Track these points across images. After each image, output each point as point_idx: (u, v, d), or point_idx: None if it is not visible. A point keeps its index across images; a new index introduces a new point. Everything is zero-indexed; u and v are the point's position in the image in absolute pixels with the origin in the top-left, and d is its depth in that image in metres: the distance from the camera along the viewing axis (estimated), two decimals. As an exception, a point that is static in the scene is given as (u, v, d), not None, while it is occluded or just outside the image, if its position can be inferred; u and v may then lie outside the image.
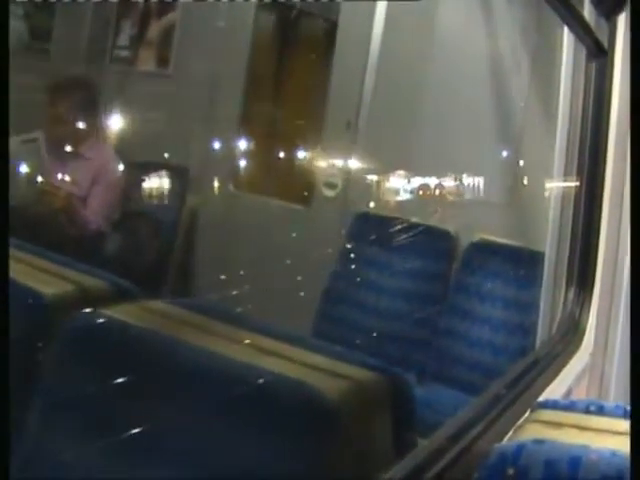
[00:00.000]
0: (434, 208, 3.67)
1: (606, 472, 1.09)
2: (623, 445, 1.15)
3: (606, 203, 2.58)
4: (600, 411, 1.38)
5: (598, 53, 2.43)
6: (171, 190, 4.14)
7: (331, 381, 1.33)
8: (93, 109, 3.81)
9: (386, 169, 3.76)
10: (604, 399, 2.61)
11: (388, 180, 3.74)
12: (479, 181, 3.63)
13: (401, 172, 3.71)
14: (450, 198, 3.66)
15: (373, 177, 3.79)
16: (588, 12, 2.21)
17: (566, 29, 2.38)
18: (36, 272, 1.86)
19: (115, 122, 4.08)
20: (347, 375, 1.37)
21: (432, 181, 3.67)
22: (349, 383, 1.34)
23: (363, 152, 3.86)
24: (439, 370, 3.48)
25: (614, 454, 1.13)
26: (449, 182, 3.67)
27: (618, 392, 2.69)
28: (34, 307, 1.62)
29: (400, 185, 3.72)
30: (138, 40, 4.54)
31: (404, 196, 3.72)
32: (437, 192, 3.67)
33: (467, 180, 3.64)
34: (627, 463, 1.10)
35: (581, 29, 2.26)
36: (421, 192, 3.68)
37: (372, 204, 3.82)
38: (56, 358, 1.52)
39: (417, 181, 3.69)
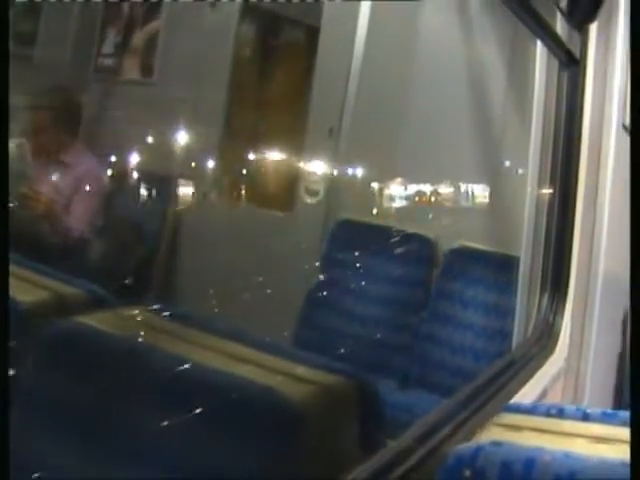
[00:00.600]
0: (414, 215, 3.70)
1: (559, 473, 1.12)
2: (577, 447, 1.19)
3: (579, 208, 2.62)
4: (560, 414, 1.41)
5: (570, 63, 2.47)
6: (153, 198, 4.16)
7: (298, 386, 1.36)
8: (76, 117, 3.84)
9: (368, 176, 3.79)
10: (579, 402, 2.65)
11: (370, 187, 3.77)
12: (460, 187, 3.66)
13: (383, 179, 3.74)
14: (432, 204, 3.69)
15: (355, 184, 3.83)
16: (560, 24, 2.25)
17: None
18: (15, 280, 1.88)
19: (98, 130, 4.11)
20: (315, 380, 1.40)
21: (414, 187, 3.70)
22: (315, 388, 1.37)
23: (345, 159, 3.89)
24: (421, 375, 3.51)
25: (567, 455, 1.16)
26: (431, 188, 3.70)
27: (593, 395, 2.73)
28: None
29: (382, 191, 3.75)
30: (122, 48, 4.56)
31: (386, 202, 3.75)
32: (418, 199, 3.70)
33: (449, 186, 3.68)
34: (579, 464, 1.13)
35: (553, 41, 2.30)
36: (404, 199, 3.71)
37: (354, 211, 3.85)
38: (32, 365, 1.55)
39: (399, 187, 3.72)
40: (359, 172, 3.81)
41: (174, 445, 1.39)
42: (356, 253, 3.77)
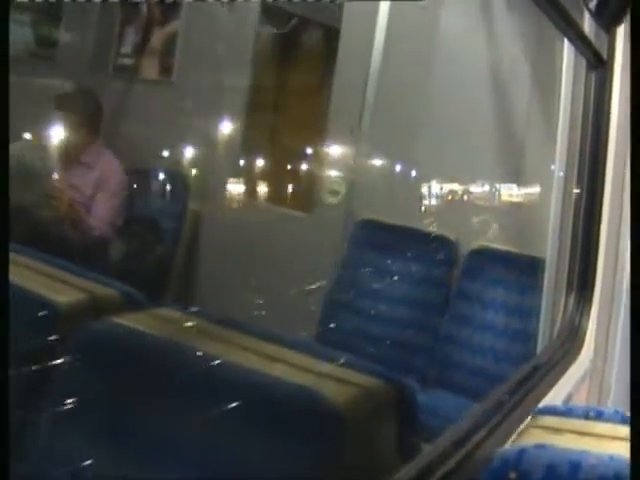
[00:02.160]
0: (435, 215, 3.69)
1: (604, 475, 1.12)
2: (621, 450, 1.19)
3: (606, 210, 2.61)
4: (599, 417, 1.41)
5: (597, 64, 2.46)
6: (174, 197, 4.18)
7: (339, 388, 1.36)
8: (97, 118, 3.86)
9: (389, 176, 3.79)
10: (603, 405, 2.64)
11: (391, 187, 3.77)
12: (483, 187, 3.66)
13: (404, 179, 3.75)
14: (453, 205, 3.69)
15: (376, 184, 3.83)
16: (588, 24, 2.24)
17: (566, 41, 2.41)
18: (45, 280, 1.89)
19: (119, 130, 4.12)
20: (354, 382, 1.40)
21: (435, 188, 3.70)
22: (356, 390, 1.37)
23: (366, 159, 3.89)
24: (442, 376, 3.50)
25: (612, 458, 1.16)
26: (451, 188, 3.70)
27: (617, 398, 2.72)
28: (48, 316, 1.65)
29: (403, 192, 3.76)
30: (141, 48, 4.57)
31: (407, 203, 3.75)
32: (440, 200, 3.69)
33: (470, 186, 3.68)
34: (624, 466, 1.13)
35: (581, 41, 2.29)
36: (424, 199, 3.70)
37: (375, 211, 3.85)
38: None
39: (420, 187, 3.72)
40: (380, 172, 3.81)
41: (212, 446, 1.40)
42: (377, 253, 3.77)
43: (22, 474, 1.50)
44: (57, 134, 3.69)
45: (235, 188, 4.19)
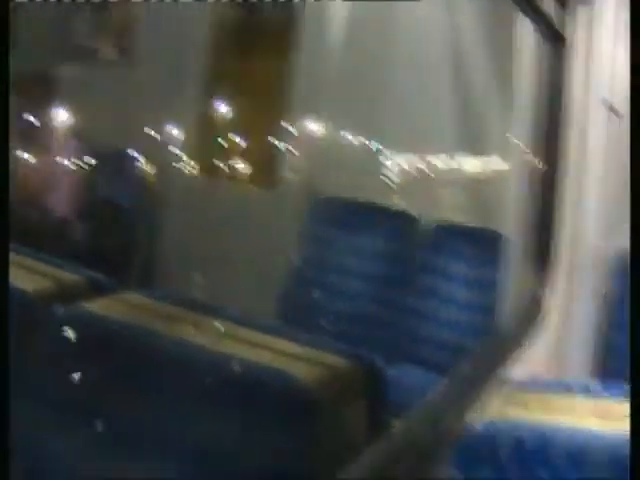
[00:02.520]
0: (397, 190, 3.71)
1: (570, 447, 1.14)
2: (588, 422, 1.21)
3: (567, 182, 2.64)
4: (565, 389, 1.44)
5: (556, 41, 2.48)
6: (134, 178, 4.15)
7: (307, 368, 1.37)
8: (55, 100, 3.81)
9: (350, 151, 3.80)
10: (566, 375, 2.68)
11: (353, 162, 3.78)
12: (443, 162, 3.68)
13: (365, 155, 3.75)
14: (413, 179, 3.71)
15: (336, 161, 3.83)
16: (547, 1, 2.26)
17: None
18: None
19: (77, 111, 4.08)
20: (322, 361, 1.41)
21: (396, 162, 3.72)
22: (324, 369, 1.39)
23: (327, 137, 3.89)
24: (407, 350, 3.53)
25: (580, 430, 1.18)
26: (413, 162, 3.71)
27: (580, 369, 2.77)
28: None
29: (365, 167, 3.76)
30: (100, 28, 4.52)
31: (367, 178, 3.76)
32: (401, 174, 3.71)
33: (431, 160, 3.70)
34: (591, 438, 1.16)
35: (539, 19, 2.30)
36: (386, 174, 3.72)
37: (337, 187, 3.86)
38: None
39: (380, 162, 3.73)
40: (341, 147, 3.82)
41: (182, 428, 1.40)
42: (339, 229, 3.78)
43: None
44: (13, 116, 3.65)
45: (195, 166, 4.17)
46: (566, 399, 1.39)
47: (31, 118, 3.71)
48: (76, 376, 1.47)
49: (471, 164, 3.63)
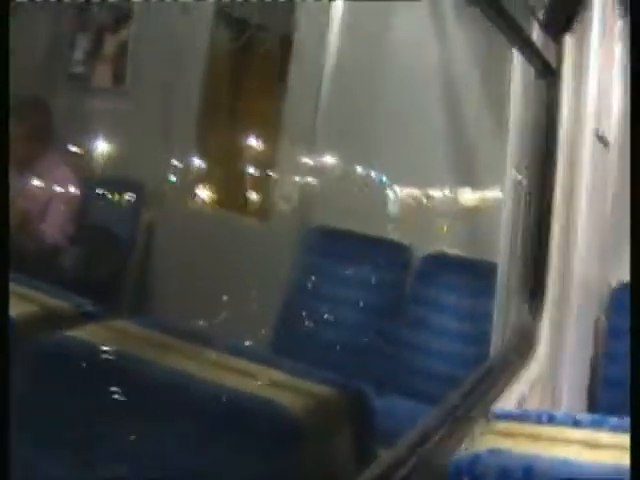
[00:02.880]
0: (389, 219, 3.72)
1: (555, 478, 1.14)
2: (573, 453, 1.21)
3: (556, 214, 2.65)
4: (551, 420, 1.43)
5: (546, 72, 2.50)
6: (127, 205, 4.15)
7: (295, 397, 1.37)
8: (48, 127, 3.82)
9: (343, 181, 3.80)
10: (556, 407, 2.68)
11: (346, 192, 3.78)
12: (436, 192, 3.69)
13: (357, 184, 3.76)
14: (406, 209, 3.72)
15: (330, 189, 3.84)
16: (537, 33, 2.28)
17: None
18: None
19: (72, 139, 4.09)
20: (310, 391, 1.41)
21: (388, 192, 3.73)
22: (313, 398, 1.38)
23: (320, 166, 3.90)
24: (397, 381, 3.52)
25: (565, 462, 1.18)
26: (406, 192, 3.72)
27: (570, 400, 2.77)
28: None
29: (357, 197, 3.77)
30: (94, 56, 4.54)
31: (361, 208, 3.77)
32: (395, 203, 3.72)
33: (424, 191, 3.70)
34: (577, 470, 1.15)
35: (529, 50, 2.33)
36: (378, 203, 3.73)
37: (328, 217, 3.87)
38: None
39: (373, 193, 3.74)
40: (334, 177, 3.83)
41: (169, 457, 1.40)
42: (331, 259, 3.78)
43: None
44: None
45: (189, 195, 4.18)
46: (553, 430, 1.39)
47: (26, 145, 3.72)
48: (61, 403, 1.47)
49: (463, 195, 3.64)
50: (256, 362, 1.52)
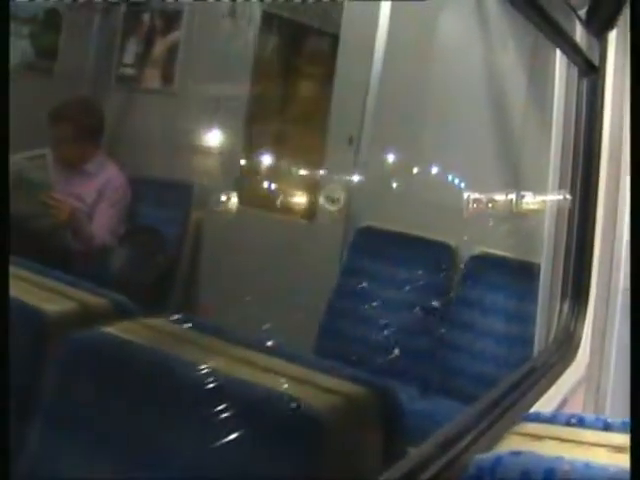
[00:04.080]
0: (435, 222, 3.70)
1: (578, 482, 1.13)
2: (599, 456, 1.20)
3: (600, 215, 2.62)
4: (581, 423, 1.42)
5: (589, 71, 2.47)
6: (175, 205, 4.20)
7: (323, 397, 1.37)
8: (98, 128, 3.88)
9: (388, 184, 3.80)
10: (600, 411, 2.64)
11: (390, 194, 3.78)
12: (482, 194, 3.66)
13: (403, 185, 3.75)
14: (452, 212, 3.69)
15: (375, 191, 3.83)
16: (579, 32, 2.25)
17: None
18: (40, 290, 1.91)
19: (120, 139, 4.15)
20: (338, 390, 1.41)
21: (436, 194, 3.71)
22: (339, 398, 1.39)
23: (366, 167, 3.90)
24: (443, 383, 3.51)
25: (588, 465, 1.17)
26: (452, 196, 3.70)
27: (615, 403, 2.73)
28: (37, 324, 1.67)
29: (402, 198, 3.76)
30: (143, 58, 4.60)
31: (406, 209, 3.76)
32: (440, 205, 3.70)
33: (470, 194, 3.68)
34: (600, 473, 1.14)
35: (572, 50, 2.30)
36: (424, 205, 3.71)
37: (374, 218, 3.87)
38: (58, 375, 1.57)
39: (420, 194, 3.73)
40: (380, 179, 3.82)
41: (199, 454, 1.41)
42: (377, 260, 3.78)
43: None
44: (60, 145, 3.73)
45: (236, 197, 4.21)
46: (582, 433, 1.38)
47: (76, 146, 3.79)
48: (94, 398, 1.49)
49: (509, 197, 3.61)
50: (288, 361, 1.53)
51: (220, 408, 1.41)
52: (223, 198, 4.17)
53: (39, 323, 1.66)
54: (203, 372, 1.50)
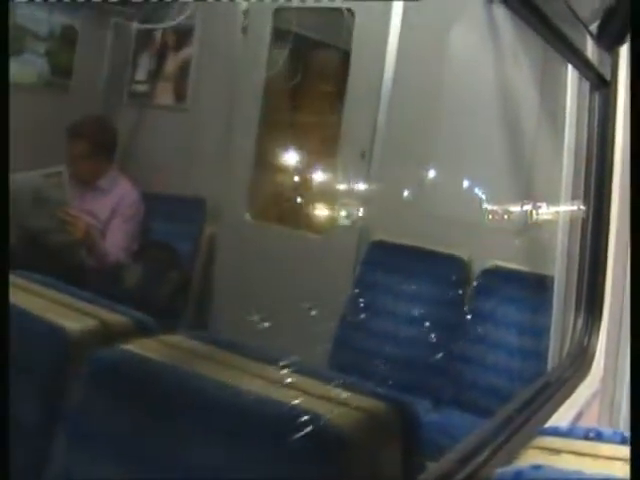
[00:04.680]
0: (446, 235, 3.71)
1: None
2: (617, 470, 1.20)
3: (613, 229, 2.63)
4: (598, 438, 1.43)
5: (601, 84, 2.49)
6: (188, 221, 4.22)
7: (341, 411, 1.38)
8: (112, 145, 3.91)
9: (400, 198, 3.81)
10: (615, 425, 2.65)
11: (403, 208, 3.79)
12: (496, 208, 3.67)
13: (415, 200, 3.76)
14: (464, 225, 3.70)
15: (388, 205, 3.85)
16: (590, 47, 2.27)
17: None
18: (58, 307, 1.92)
19: (133, 155, 4.18)
20: (356, 405, 1.42)
21: (447, 209, 3.72)
22: (358, 413, 1.40)
23: (378, 181, 3.91)
24: (456, 395, 3.51)
25: (606, 479, 1.18)
26: (464, 209, 3.70)
27: (629, 417, 2.73)
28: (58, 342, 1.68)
29: (415, 212, 3.77)
30: (156, 74, 4.64)
31: (419, 223, 3.77)
32: (452, 220, 3.71)
33: (481, 206, 3.68)
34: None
35: (583, 64, 2.32)
36: (436, 220, 3.72)
37: (387, 232, 3.88)
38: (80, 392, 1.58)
39: (432, 209, 3.74)
40: (392, 194, 3.83)
41: (219, 469, 1.42)
42: (390, 273, 3.79)
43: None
44: (75, 162, 3.76)
45: (249, 210, 4.24)
46: (599, 447, 1.39)
47: (90, 162, 3.82)
48: (116, 417, 1.51)
49: (522, 210, 3.61)
50: (305, 376, 1.54)
51: (238, 424, 1.42)
52: (237, 213, 4.20)
53: (61, 342, 1.67)
54: (221, 388, 1.51)
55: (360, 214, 3.95)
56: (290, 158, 4.14)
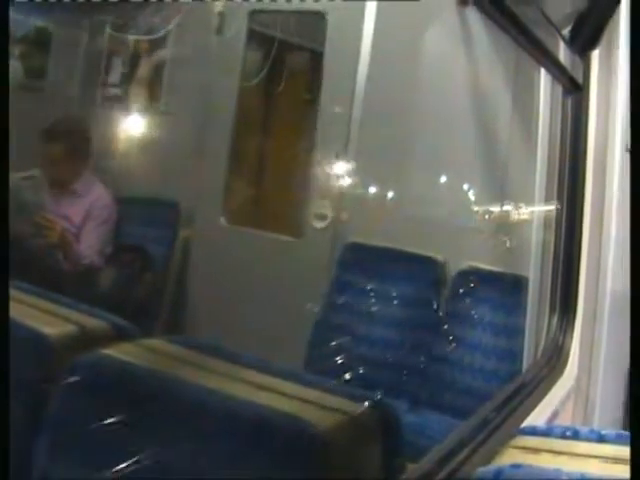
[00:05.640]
0: (421, 237, 3.73)
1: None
2: (594, 468, 1.22)
3: (586, 229, 2.66)
4: (575, 436, 1.45)
5: (573, 89, 2.52)
6: (163, 224, 4.21)
7: (322, 414, 1.39)
8: (86, 148, 3.90)
9: (374, 200, 3.82)
10: (589, 423, 2.67)
11: (377, 210, 3.80)
12: (470, 209, 3.69)
13: (390, 201, 3.78)
14: (439, 227, 3.72)
15: (362, 207, 3.86)
16: (562, 51, 2.29)
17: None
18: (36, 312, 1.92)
19: (107, 159, 4.16)
20: (338, 408, 1.43)
21: (421, 210, 3.73)
22: (340, 415, 1.41)
23: (353, 183, 3.92)
24: (432, 396, 3.53)
25: (583, 477, 1.20)
26: (438, 212, 3.72)
27: (603, 415, 2.76)
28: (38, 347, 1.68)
29: (389, 214, 3.78)
30: (129, 77, 4.62)
31: (393, 224, 3.78)
32: (426, 222, 3.72)
33: (458, 208, 3.71)
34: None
35: (556, 68, 2.34)
36: (412, 221, 3.74)
37: (362, 234, 3.89)
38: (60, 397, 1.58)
39: (407, 208, 3.76)
40: (366, 195, 3.85)
41: (199, 474, 1.43)
42: (365, 275, 3.80)
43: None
44: (49, 166, 3.75)
45: (223, 213, 4.23)
46: (577, 445, 1.41)
47: (63, 166, 3.80)
48: (96, 421, 1.50)
49: (495, 211, 3.64)
50: (284, 379, 1.55)
51: (217, 428, 1.43)
52: (210, 216, 4.20)
53: (41, 347, 1.67)
54: (202, 391, 1.51)
55: (335, 216, 3.96)
56: (264, 160, 4.15)
